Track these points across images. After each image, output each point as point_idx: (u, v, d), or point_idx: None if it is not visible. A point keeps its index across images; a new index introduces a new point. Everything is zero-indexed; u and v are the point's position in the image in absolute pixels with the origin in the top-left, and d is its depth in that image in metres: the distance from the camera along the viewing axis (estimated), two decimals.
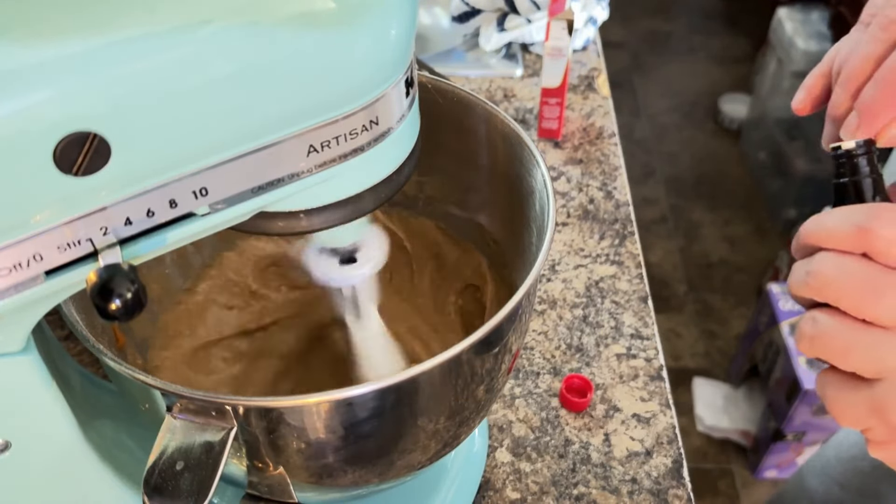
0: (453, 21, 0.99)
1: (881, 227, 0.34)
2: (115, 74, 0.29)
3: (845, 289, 0.34)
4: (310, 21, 0.30)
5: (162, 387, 0.36)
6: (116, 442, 0.47)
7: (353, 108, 0.33)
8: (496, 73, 0.97)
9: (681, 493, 0.58)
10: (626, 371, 0.65)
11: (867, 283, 0.34)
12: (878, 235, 0.34)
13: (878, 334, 0.34)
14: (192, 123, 0.31)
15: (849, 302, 0.34)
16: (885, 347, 0.34)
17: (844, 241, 0.35)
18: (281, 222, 0.37)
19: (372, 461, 0.42)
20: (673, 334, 1.80)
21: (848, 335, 0.35)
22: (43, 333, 0.43)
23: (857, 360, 0.35)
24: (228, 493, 0.50)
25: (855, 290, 0.34)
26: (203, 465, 0.36)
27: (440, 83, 0.51)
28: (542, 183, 0.46)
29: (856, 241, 0.34)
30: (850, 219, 0.35)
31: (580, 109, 0.92)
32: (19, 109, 0.28)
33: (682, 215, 2.10)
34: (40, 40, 0.28)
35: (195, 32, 0.29)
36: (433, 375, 0.39)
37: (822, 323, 0.36)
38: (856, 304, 0.34)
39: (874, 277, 0.34)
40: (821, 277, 0.35)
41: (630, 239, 0.76)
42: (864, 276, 0.34)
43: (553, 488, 0.58)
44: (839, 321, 0.35)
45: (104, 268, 0.31)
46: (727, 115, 2.36)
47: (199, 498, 0.35)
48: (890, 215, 0.34)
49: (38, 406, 0.39)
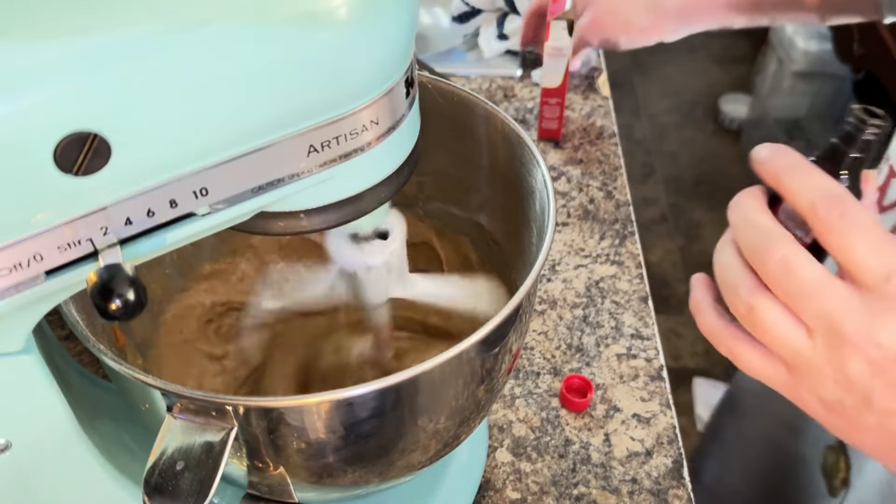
0: (453, 21, 0.99)
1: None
2: (115, 74, 0.29)
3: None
4: (310, 21, 0.30)
5: (162, 387, 0.36)
6: (116, 442, 0.47)
7: (354, 108, 0.33)
8: (496, 73, 0.97)
9: (681, 493, 0.58)
10: (627, 371, 0.65)
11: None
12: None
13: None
14: (193, 123, 0.31)
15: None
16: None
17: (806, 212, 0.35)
18: (281, 222, 0.37)
19: (372, 461, 0.42)
20: (673, 334, 1.80)
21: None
22: (43, 333, 0.43)
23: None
24: (228, 493, 0.50)
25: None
26: (203, 465, 0.36)
27: (440, 83, 0.51)
28: (543, 183, 0.46)
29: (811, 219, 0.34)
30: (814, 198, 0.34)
31: (580, 109, 0.92)
32: (19, 109, 0.28)
33: (682, 215, 2.11)
34: (40, 40, 0.28)
35: (195, 32, 0.29)
36: (433, 375, 0.39)
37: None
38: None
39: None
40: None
41: (630, 239, 0.76)
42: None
43: (553, 488, 0.58)
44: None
45: (104, 268, 0.31)
46: (727, 115, 2.36)
47: (200, 498, 0.35)
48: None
49: (38, 406, 0.39)
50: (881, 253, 0.32)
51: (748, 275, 0.35)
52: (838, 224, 0.33)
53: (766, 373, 0.37)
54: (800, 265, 0.33)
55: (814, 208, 0.33)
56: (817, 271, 0.33)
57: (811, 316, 0.34)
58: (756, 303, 0.35)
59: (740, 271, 0.36)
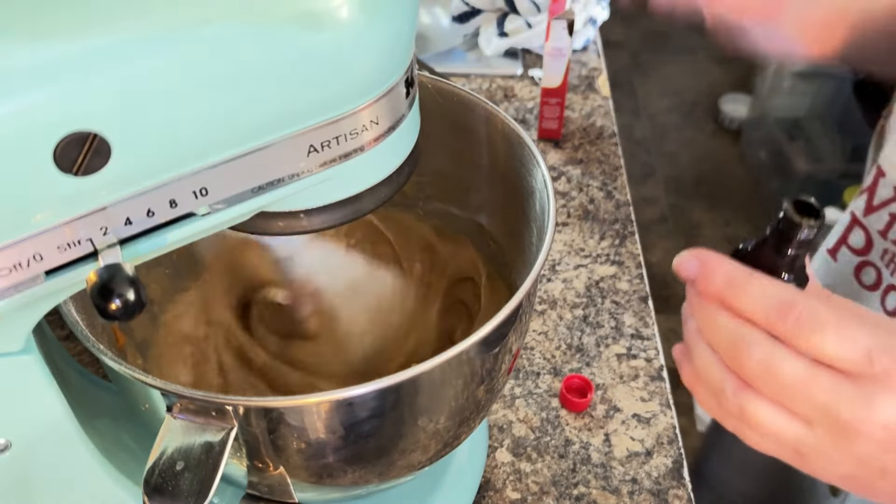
0: (453, 21, 0.99)
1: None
2: (115, 74, 0.29)
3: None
4: (310, 21, 0.30)
5: (162, 387, 0.36)
6: (116, 442, 0.47)
7: (354, 108, 0.33)
8: (496, 73, 0.97)
9: (681, 493, 0.58)
10: (627, 371, 0.65)
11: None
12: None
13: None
14: (192, 123, 0.31)
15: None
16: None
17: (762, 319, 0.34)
18: (281, 222, 0.37)
19: (372, 461, 0.42)
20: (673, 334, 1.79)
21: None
22: (43, 333, 0.43)
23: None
24: (228, 493, 0.50)
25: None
26: (203, 465, 0.36)
27: (440, 83, 0.51)
28: (543, 183, 0.46)
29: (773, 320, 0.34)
30: (773, 302, 0.34)
31: (580, 109, 0.92)
32: (19, 109, 0.28)
33: (682, 215, 2.10)
34: (40, 40, 0.28)
35: (195, 32, 0.29)
36: (433, 375, 0.39)
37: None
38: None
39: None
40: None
41: (630, 239, 0.76)
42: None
43: (553, 488, 0.58)
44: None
45: (104, 268, 0.31)
46: (727, 115, 2.36)
47: (200, 498, 0.35)
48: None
49: (38, 406, 0.39)
50: (850, 339, 0.32)
51: (730, 376, 0.35)
52: (797, 330, 0.33)
53: (775, 454, 0.36)
54: (780, 365, 0.33)
55: (769, 322, 0.33)
56: (799, 368, 0.33)
57: (805, 410, 0.33)
58: (746, 403, 0.34)
59: (721, 373, 0.35)
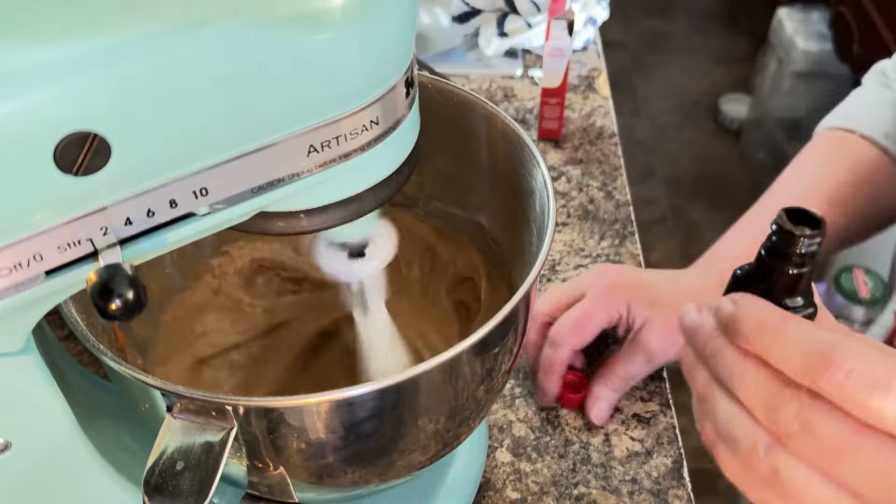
0: (453, 21, 0.99)
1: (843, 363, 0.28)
2: (115, 74, 0.29)
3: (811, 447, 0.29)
4: (310, 21, 0.30)
5: (162, 387, 0.36)
6: (116, 442, 0.47)
7: (354, 108, 0.33)
8: (496, 73, 0.97)
9: (681, 494, 0.58)
10: None
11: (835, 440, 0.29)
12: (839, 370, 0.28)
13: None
14: (192, 123, 0.31)
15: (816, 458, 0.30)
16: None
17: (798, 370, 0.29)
18: (281, 222, 0.37)
19: (372, 461, 0.42)
20: None
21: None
22: (43, 333, 0.43)
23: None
24: (228, 493, 0.50)
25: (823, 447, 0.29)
26: (203, 465, 0.36)
27: (440, 83, 0.51)
28: (542, 183, 0.46)
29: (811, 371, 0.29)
30: (814, 346, 0.29)
31: (580, 109, 0.92)
32: (19, 109, 0.28)
33: (682, 215, 2.11)
34: (40, 40, 0.28)
35: (195, 32, 0.29)
36: (433, 375, 0.39)
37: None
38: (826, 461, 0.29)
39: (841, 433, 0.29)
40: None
41: (630, 239, 0.76)
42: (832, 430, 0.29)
43: (553, 488, 0.58)
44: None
45: (104, 268, 0.31)
46: (727, 115, 2.36)
47: (200, 498, 0.35)
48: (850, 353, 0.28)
49: (38, 406, 0.39)
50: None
51: (761, 431, 0.30)
52: (851, 387, 0.28)
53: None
54: (820, 423, 0.29)
55: (807, 371, 0.29)
56: (842, 428, 0.28)
57: (854, 477, 0.29)
58: (781, 465, 0.29)
59: (751, 428, 0.30)
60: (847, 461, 0.28)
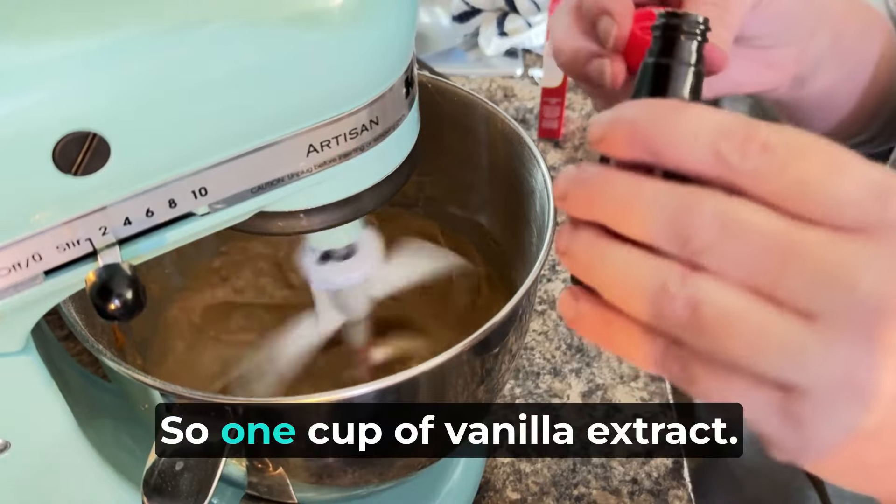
0: (453, 21, 0.99)
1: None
2: (115, 74, 0.29)
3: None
4: (309, 21, 0.30)
5: (162, 387, 0.36)
6: (116, 442, 0.47)
7: (353, 108, 0.33)
8: (496, 73, 0.97)
9: (681, 494, 0.58)
10: (627, 371, 0.65)
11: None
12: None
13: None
14: (192, 123, 0.31)
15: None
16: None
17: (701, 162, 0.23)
18: (281, 222, 0.37)
19: (372, 461, 0.42)
20: None
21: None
22: (43, 333, 0.43)
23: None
24: (228, 494, 0.50)
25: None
26: (202, 466, 0.36)
27: (440, 83, 0.51)
28: (543, 183, 0.46)
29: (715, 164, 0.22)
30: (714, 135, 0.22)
31: (580, 109, 0.92)
32: (19, 109, 0.28)
33: None
34: (40, 40, 0.28)
35: (195, 32, 0.29)
36: (433, 375, 0.39)
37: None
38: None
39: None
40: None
41: None
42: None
43: (553, 489, 0.58)
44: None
45: (104, 268, 0.31)
46: None
47: (199, 498, 0.35)
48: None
49: (38, 406, 0.39)
50: (850, 175, 0.21)
51: (667, 262, 0.23)
52: (768, 165, 0.22)
53: (751, 410, 0.24)
54: (748, 219, 0.22)
55: (720, 157, 0.22)
56: (776, 222, 0.22)
57: (799, 290, 0.21)
58: (701, 292, 0.22)
59: (652, 262, 0.23)
60: (788, 267, 0.21)
